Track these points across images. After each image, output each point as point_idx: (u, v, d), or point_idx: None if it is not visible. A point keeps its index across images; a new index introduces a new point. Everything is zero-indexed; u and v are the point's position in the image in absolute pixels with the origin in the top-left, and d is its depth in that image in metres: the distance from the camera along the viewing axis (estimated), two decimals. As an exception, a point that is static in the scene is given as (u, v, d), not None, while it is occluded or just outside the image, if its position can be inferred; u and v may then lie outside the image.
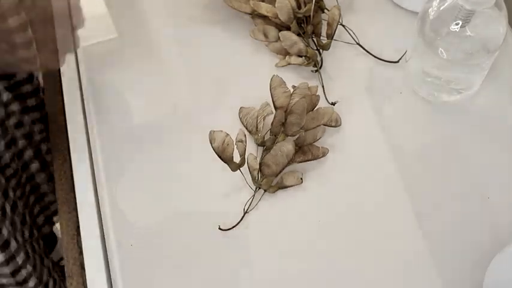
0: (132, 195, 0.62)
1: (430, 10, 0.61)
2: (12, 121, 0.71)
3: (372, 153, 0.63)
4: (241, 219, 0.59)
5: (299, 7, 0.68)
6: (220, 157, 0.57)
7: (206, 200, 0.61)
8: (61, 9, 0.53)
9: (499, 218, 0.59)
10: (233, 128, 0.60)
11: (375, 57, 0.69)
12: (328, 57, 0.69)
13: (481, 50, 0.61)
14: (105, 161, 0.64)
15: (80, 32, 0.75)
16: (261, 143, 0.62)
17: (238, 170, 0.58)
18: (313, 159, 0.61)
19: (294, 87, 0.63)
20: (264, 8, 0.69)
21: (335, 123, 0.63)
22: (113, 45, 0.74)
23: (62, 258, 0.83)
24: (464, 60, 0.61)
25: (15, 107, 0.71)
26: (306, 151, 0.61)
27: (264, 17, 0.70)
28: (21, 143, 0.74)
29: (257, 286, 0.57)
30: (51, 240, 0.89)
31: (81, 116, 0.68)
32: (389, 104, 0.67)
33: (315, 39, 0.69)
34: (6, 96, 0.69)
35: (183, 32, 0.74)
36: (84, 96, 0.69)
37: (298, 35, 0.68)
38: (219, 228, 0.58)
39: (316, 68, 0.68)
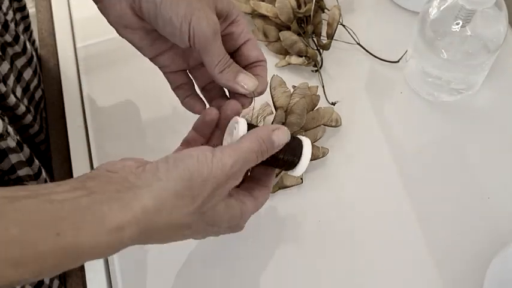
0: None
1: (430, 10, 0.61)
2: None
3: (372, 153, 0.63)
4: (241, 219, 0.59)
5: (299, 7, 0.68)
6: (220, 157, 0.57)
7: (206, 200, 0.61)
8: None
9: (499, 218, 0.59)
10: (233, 128, 0.60)
11: (375, 57, 0.69)
12: (329, 57, 0.69)
13: (482, 50, 0.61)
14: (104, 161, 0.64)
15: (80, 32, 0.75)
16: (261, 143, 0.61)
17: (238, 170, 0.58)
18: (313, 159, 0.61)
19: (294, 87, 0.63)
20: (264, 8, 0.68)
21: (335, 123, 0.63)
22: (112, 45, 0.74)
23: None
24: (465, 60, 0.61)
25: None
26: (306, 151, 0.61)
27: (264, 17, 0.69)
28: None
29: (257, 286, 0.57)
30: None
31: (81, 116, 0.68)
32: (389, 104, 0.67)
33: (315, 39, 0.69)
34: None
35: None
36: (84, 96, 0.69)
37: (299, 34, 0.68)
38: (219, 228, 0.58)
39: (316, 68, 0.68)
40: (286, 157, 0.46)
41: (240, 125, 0.45)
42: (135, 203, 0.36)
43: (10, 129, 0.59)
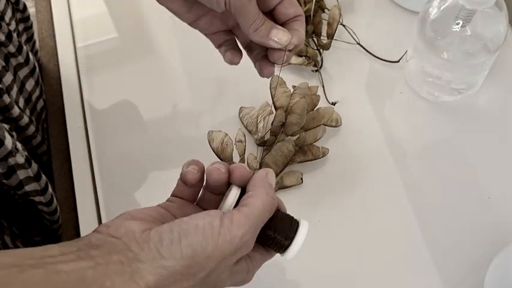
0: (132, 195, 0.62)
1: (430, 10, 0.61)
2: None
3: (372, 153, 0.63)
4: (241, 219, 0.59)
5: (299, 7, 0.68)
6: (219, 157, 0.57)
7: (206, 200, 0.61)
8: None
9: (499, 217, 0.59)
10: (233, 128, 0.60)
11: (375, 57, 0.69)
12: (329, 57, 0.69)
13: (482, 50, 0.61)
14: (104, 161, 0.64)
15: (80, 32, 0.75)
16: (261, 143, 0.61)
17: (238, 170, 0.58)
18: (313, 159, 0.61)
19: (294, 87, 0.63)
20: (264, 8, 0.68)
21: (335, 123, 0.63)
22: (112, 44, 0.74)
23: None
24: (465, 60, 0.61)
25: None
26: (306, 151, 0.61)
27: (264, 17, 0.69)
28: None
29: (257, 285, 0.57)
30: None
31: (81, 116, 0.68)
32: (389, 104, 0.67)
33: (315, 39, 0.69)
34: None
35: (183, 32, 0.74)
36: (84, 96, 0.69)
37: (298, 34, 0.68)
38: (219, 229, 0.58)
39: (316, 68, 0.68)
40: (278, 236, 0.43)
41: (231, 192, 0.43)
42: (139, 280, 0.37)
43: (19, 145, 0.59)
